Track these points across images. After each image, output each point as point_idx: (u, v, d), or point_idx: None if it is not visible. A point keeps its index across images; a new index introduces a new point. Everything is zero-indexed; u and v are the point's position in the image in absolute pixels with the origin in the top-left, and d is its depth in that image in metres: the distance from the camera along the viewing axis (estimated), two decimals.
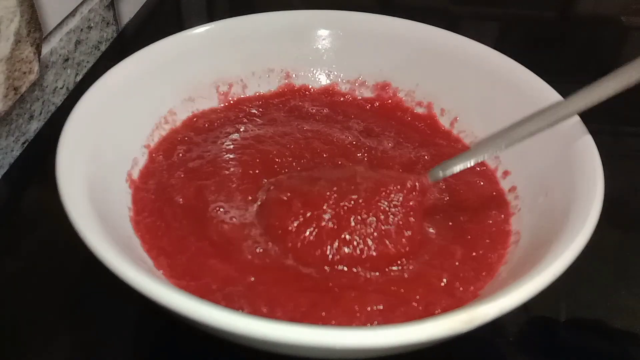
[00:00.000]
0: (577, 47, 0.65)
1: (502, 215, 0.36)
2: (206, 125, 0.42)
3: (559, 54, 0.62)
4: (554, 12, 0.74)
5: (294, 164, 0.39)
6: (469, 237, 0.35)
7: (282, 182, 0.36)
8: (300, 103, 0.45)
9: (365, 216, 0.32)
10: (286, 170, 0.38)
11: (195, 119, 0.43)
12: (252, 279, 0.31)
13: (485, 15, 0.72)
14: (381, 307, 0.29)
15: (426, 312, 0.30)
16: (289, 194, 0.34)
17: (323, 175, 0.35)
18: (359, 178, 0.34)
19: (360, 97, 0.47)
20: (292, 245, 0.32)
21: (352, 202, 0.33)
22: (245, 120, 0.43)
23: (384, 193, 0.33)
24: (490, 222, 0.36)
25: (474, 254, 0.33)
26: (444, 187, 0.38)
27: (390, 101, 0.46)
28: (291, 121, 0.43)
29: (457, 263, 0.33)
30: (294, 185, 0.35)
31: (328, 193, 0.33)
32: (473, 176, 0.39)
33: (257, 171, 0.38)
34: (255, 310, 0.29)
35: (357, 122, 0.43)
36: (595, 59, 0.63)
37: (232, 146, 0.40)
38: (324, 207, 0.32)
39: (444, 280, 0.31)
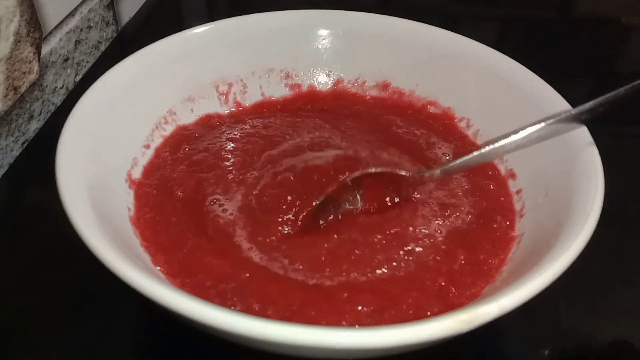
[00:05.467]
0: (577, 47, 0.65)
1: (507, 222, 0.35)
2: (217, 123, 0.43)
3: (559, 53, 0.62)
4: (554, 12, 0.74)
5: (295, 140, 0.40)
6: (473, 240, 0.34)
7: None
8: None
9: None
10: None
11: (208, 118, 0.43)
12: (247, 275, 0.31)
13: (485, 15, 0.72)
14: (372, 308, 0.29)
15: (416, 316, 0.29)
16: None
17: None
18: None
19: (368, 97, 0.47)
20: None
21: None
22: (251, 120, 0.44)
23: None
24: (495, 226, 0.35)
25: (475, 258, 0.33)
26: (465, 187, 0.38)
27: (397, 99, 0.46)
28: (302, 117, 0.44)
29: (456, 267, 0.32)
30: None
31: None
32: (484, 179, 0.38)
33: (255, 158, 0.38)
34: (247, 308, 0.29)
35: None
36: (595, 59, 0.63)
37: (238, 135, 0.40)
38: None
39: (441, 283, 0.31)
